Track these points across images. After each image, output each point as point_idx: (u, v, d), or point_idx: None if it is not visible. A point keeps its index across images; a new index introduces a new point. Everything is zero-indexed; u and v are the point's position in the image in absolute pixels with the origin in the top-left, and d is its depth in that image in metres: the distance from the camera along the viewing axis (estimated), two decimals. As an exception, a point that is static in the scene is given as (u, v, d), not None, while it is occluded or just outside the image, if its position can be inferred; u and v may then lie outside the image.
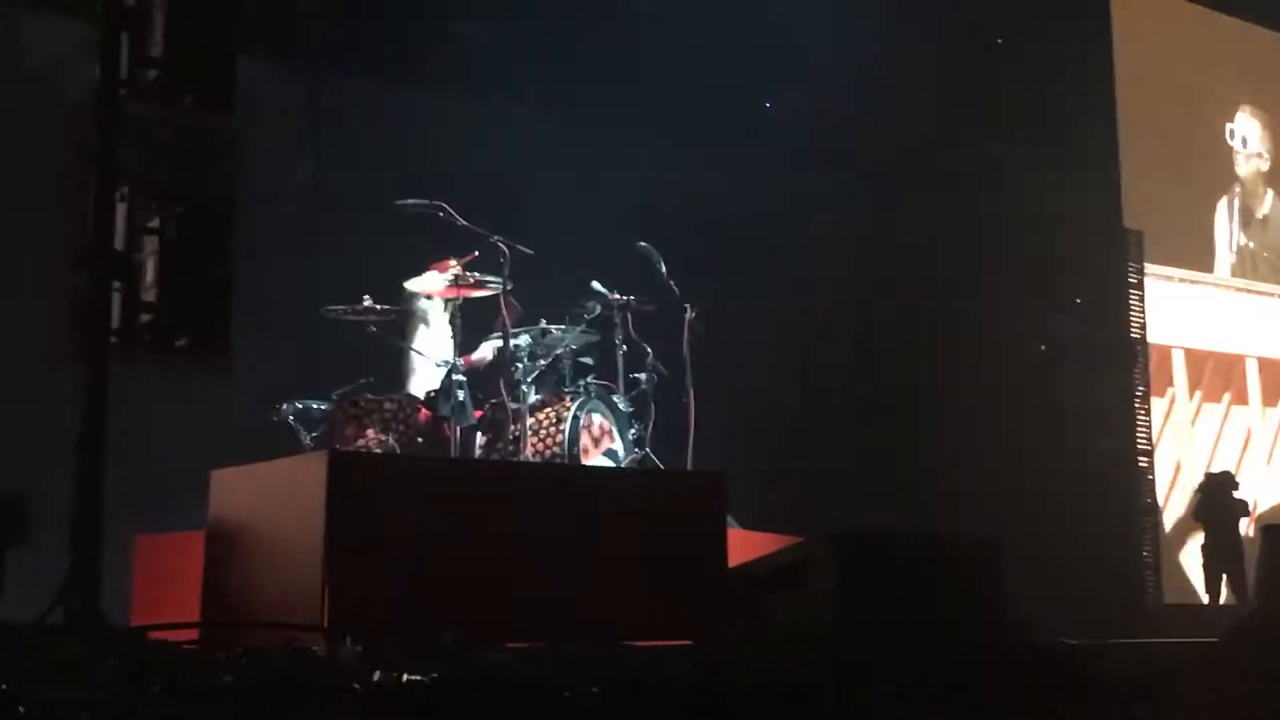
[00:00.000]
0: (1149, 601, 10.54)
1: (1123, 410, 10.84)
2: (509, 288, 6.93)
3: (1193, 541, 10.74)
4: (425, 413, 6.91)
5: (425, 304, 7.26)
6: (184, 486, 6.25)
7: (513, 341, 7.00)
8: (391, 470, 6.02)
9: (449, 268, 7.01)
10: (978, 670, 3.84)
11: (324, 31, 8.48)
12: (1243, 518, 10.45)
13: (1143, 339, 10.99)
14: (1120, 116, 11.04)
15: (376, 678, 3.70)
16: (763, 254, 9.71)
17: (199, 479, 5.99)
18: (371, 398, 6.87)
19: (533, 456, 6.81)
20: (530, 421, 6.90)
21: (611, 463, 7.13)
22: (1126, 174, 11.02)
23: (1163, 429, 11.07)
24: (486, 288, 6.99)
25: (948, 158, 10.51)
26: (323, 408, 6.94)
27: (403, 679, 3.67)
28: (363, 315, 7.05)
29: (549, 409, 7.07)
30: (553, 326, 7.25)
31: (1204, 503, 10.49)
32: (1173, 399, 11.23)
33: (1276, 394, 11.95)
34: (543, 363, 7.18)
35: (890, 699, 3.67)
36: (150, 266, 5.65)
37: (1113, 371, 10.88)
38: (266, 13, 7.53)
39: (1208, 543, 10.41)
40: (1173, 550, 10.91)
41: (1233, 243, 12.04)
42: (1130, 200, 11.03)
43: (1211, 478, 10.60)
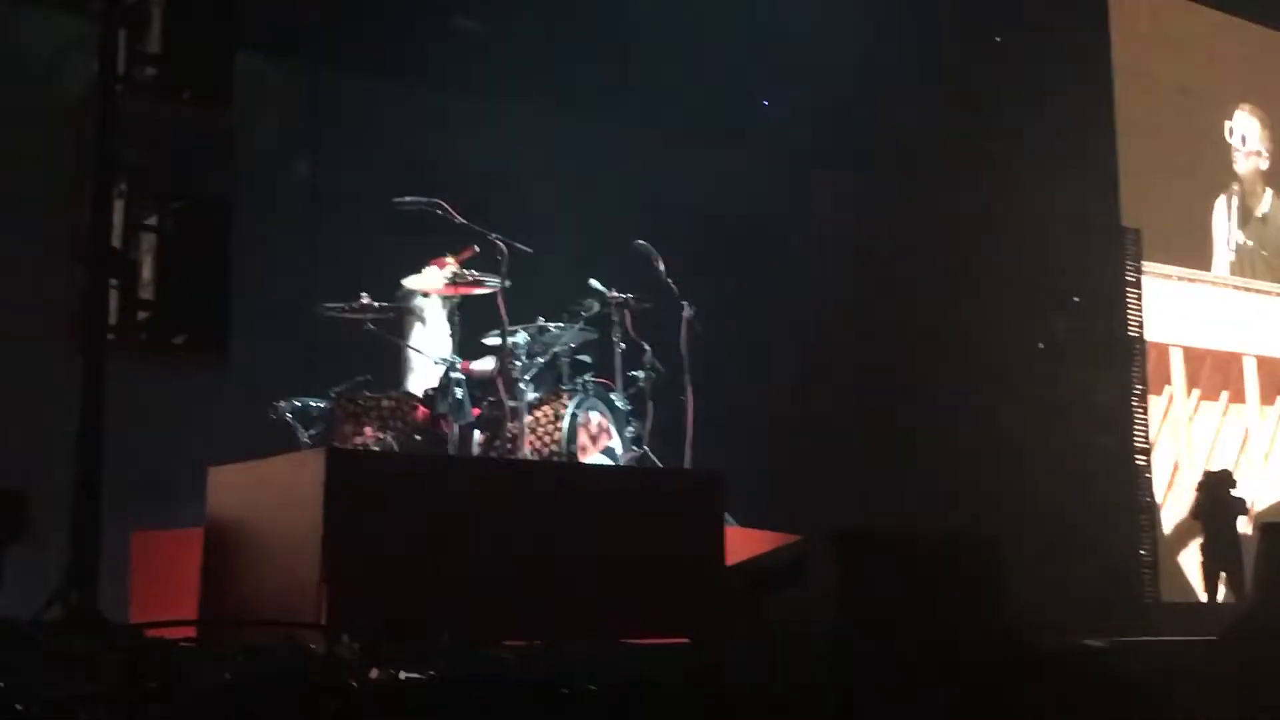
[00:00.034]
0: (1147, 599, 10.54)
1: (1121, 408, 10.85)
2: (507, 285, 6.92)
3: (1191, 540, 10.74)
4: (423, 410, 6.90)
5: (423, 302, 7.25)
6: (182, 483, 6.25)
7: (511, 340, 6.99)
8: (389, 468, 6.00)
9: (447, 265, 7.00)
10: (977, 669, 3.84)
11: (322, 29, 8.46)
12: (1241, 516, 10.45)
13: (1140, 337, 11.00)
14: (1118, 114, 11.04)
15: (374, 675, 3.69)
16: (762, 253, 9.70)
17: (197, 476, 5.96)
18: (369, 395, 6.86)
19: (531, 454, 6.80)
20: (528, 419, 6.90)
21: (609, 461, 7.13)
22: (1124, 172, 11.02)
23: (1161, 427, 11.08)
24: (484, 286, 6.98)
25: (946, 156, 10.50)
26: (321, 405, 6.93)
27: (400, 676, 3.67)
28: (361, 313, 7.03)
29: (547, 407, 7.06)
30: (551, 324, 7.24)
31: (1202, 501, 10.49)
32: (1171, 397, 11.23)
33: (1274, 392, 11.96)
34: (541, 361, 7.16)
35: (890, 698, 3.67)
36: (148, 263, 5.65)
37: (1111, 369, 10.88)
38: (264, 10, 7.53)
39: (1206, 541, 10.40)
40: (1171, 548, 10.92)
41: (1231, 241, 12.04)
42: (1128, 198, 11.03)
43: (1209, 476, 10.60)
